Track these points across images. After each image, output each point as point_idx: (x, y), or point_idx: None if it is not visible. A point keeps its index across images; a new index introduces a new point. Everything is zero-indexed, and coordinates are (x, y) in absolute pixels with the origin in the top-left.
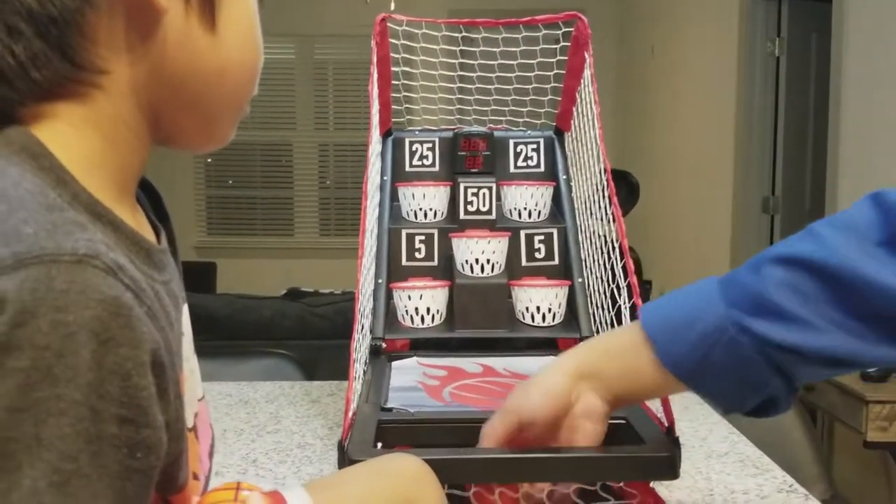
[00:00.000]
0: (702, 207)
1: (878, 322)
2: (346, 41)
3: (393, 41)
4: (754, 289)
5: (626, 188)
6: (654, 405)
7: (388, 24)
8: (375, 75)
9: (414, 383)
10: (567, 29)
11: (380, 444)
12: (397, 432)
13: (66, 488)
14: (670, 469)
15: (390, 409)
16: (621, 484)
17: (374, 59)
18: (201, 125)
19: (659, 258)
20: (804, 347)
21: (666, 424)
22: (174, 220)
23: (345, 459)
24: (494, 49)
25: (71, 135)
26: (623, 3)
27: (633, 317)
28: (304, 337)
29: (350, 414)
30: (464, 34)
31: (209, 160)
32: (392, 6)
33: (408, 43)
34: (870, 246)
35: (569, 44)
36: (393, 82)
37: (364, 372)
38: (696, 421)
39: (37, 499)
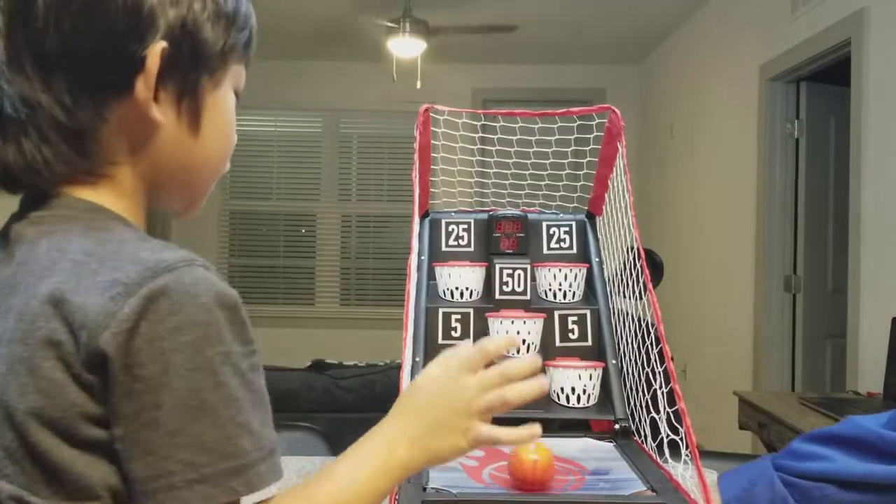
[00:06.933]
0: (724, 286)
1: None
2: (369, 115)
3: (433, 129)
4: (790, 448)
5: (650, 266)
6: (688, 484)
7: (431, 115)
8: (417, 162)
9: (453, 463)
10: (600, 120)
11: None
12: None
13: (242, 406)
14: None
15: (432, 490)
16: None
17: (417, 147)
18: (187, 198)
19: (682, 335)
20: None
21: None
22: None
23: None
24: (530, 137)
25: (103, 202)
26: (643, 82)
27: (671, 402)
28: (330, 410)
29: (394, 494)
30: (501, 123)
31: (230, 227)
32: (418, 84)
33: (449, 131)
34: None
35: (601, 134)
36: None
37: None
38: None
39: (235, 419)
